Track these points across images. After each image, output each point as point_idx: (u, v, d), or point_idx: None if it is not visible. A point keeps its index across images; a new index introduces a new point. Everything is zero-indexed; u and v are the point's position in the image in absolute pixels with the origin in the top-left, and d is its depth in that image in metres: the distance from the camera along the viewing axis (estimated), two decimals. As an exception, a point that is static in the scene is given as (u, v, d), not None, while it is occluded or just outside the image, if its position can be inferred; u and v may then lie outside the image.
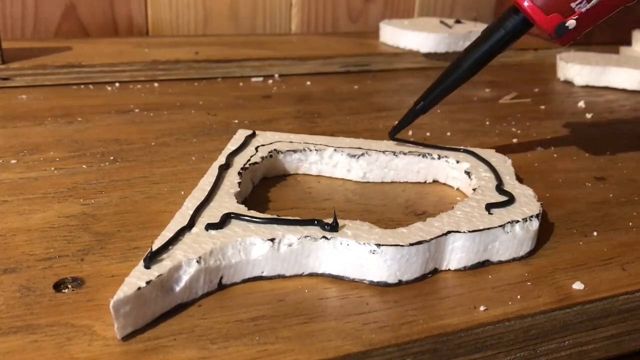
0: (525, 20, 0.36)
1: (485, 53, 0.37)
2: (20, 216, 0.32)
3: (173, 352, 0.23)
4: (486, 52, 0.37)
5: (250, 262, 0.27)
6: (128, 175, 0.37)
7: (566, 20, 0.34)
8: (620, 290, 0.29)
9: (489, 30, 0.37)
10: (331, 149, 0.38)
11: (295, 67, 0.61)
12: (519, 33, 0.37)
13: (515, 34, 0.36)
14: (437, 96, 0.39)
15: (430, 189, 0.38)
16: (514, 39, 0.37)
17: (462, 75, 0.38)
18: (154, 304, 0.24)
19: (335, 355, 0.23)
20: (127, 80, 0.56)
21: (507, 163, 0.37)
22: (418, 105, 0.39)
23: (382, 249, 0.27)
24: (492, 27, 0.37)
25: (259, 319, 0.25)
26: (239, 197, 0.32)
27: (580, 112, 0.54)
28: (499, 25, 0.37)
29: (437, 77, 0.39)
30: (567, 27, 0.34)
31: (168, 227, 0.28)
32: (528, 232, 0.30)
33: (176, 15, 0.71)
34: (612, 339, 0.29)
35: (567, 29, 0.34)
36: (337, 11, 0.77)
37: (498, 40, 0.37)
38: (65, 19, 0.68)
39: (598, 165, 0.43)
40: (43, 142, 0.41)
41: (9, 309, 0.25)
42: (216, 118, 0.48)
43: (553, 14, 0.34)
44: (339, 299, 0.27)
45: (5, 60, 0.53)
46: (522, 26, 0.36)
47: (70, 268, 0.28)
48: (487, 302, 0.27)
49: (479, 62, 0.37)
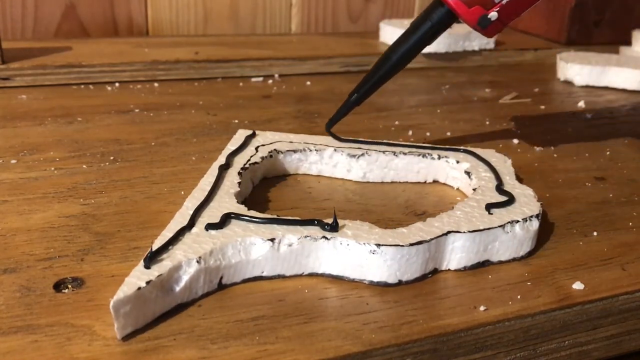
0: (449, 13, 0.36)
1: (414, 45, 0.38)
2: (20, 216, 0.32)
3: (173, 352, 0.23)
4: (414, 45, 0.38)
5: (250, 262, 0.27)
6: (128, 175, 0.37)
7: (488, 12, 0.35)
8: (620, 290, 0.29)
9: (417, 22, 0.38)
10: (331, 149, 0.38)
11: (295, 67, 0.61)
12: (444, 25, 0.37)
13: (441, 26, 0.37)
14: (369, 88, 0.39)
15: (430, 189, 0.38)
16: (440, 31, 0.37)
17: (393, 67, 0.39)
18: (154, 304, 0.24)
19: (335, 355, 0.23)
20: (127, 80, 0.56)
21: (507, 163, 0.37)
22: (352, 97, 0.39)
23: (382, 249, 0.27)
24: (420, 20, 0.38)
25: (259, 319, 0.25)
26: (239, 197, 0.32)
27: (580, 112, 0.54)
28: (425, 17, 0.37)
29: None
30: (489, 19, 0.35)
31: (168, 227, 0.28)
32: (528, 232, 0.30)
33: (176, 15, 0.71)
34: (612, 339, 0.29)
35: (489, 20, 0.35)
36: (337, 11, 0.77)
37: (425, 32, 0.37)
38: (65, 19, 0.68)
39: (598, 165, 0.43)
40: (43, 142, 0.41)
41: (9, 309, 0.25)
42: (216, 118, 0.48)
43: (475, 7, 0.34)
44: (339, 299, 0.27)
45: (5, 60, 0.53)
46: (447, 18, 0.37)
47: (70, 268, 0.28)
48: (487, 302, 0.27)
49: (408, 55, 0.38)
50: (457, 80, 0.62)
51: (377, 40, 0.71)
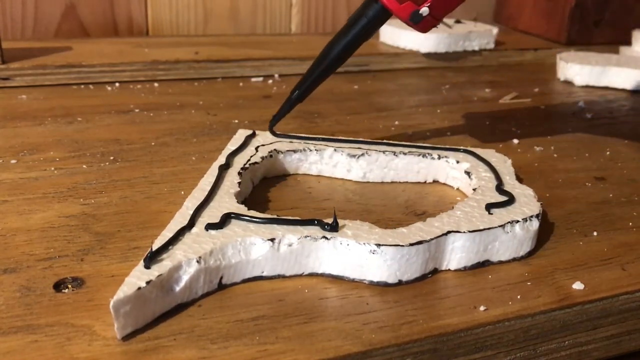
0: (383, 9, 0.37)
1: (351, 41, 0.38)
2: (20, 216, 0.32)
3: (173, 352, 0.23)
4: (351, 41, 0.38)
5: (250, 262, 0.27)
6: (128, 175, 0.37)
7: (419, 8, 0.35)
8: (620, 290, 0.29)
9: (353, 19, 0.38)
10: (331, 149, 0.38)
11: (295, 67, 0.61)
12: (380, 20, 0.37)
13: (377, 21, 0.37)
14: (310, 85, 0.40)
15: (430, 189, 0.38)
16: (376, 26, 0.38)
17: (331, 64, 0.39)
18: (154, 304, 0.24)
19: (335, 355, 0.23)
20: (127, 80, 0.56)
21: (507, 163, 0.37)
22: (294, 94, 0.40)
23: (382, 249, 0.27)
24: (355, 16, 0.38)
25: (259, 319, 0.25)
26: (239, 197, 0.32)
27: (580, 112, 0.54)
28: (361, 14, 0.38)
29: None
30: (421, 15, 0.35)
31: (168, 227, 0.28)
32: (528, 232, 0.30)
33: (176, 15, 0.72)
34: (612, 339, 0.29)
35: (421, 16, 0.35)
36: (337, 11, 0.77)
37: (361, 28, 0.38)
38: (65, 19, 0.68)
39: (598, 165, 0.43)
40: (43, 142, 0.41)
41: (9, 309, 0.25)
42: (216, 118, 0.48)
43: (406, 3, 0.35)
44: (339, 299, 0.27)
45: (5, 60, 0.53)
46: (382, 14, 0.37)
47: (70, 268, 0.28)
48: (487, 302, 0.27)
49: (345, 51, 0.39)
50: (457, 80, 0.62)
51: (377, 40, 0.71)
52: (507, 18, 0.85)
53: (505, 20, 0.85)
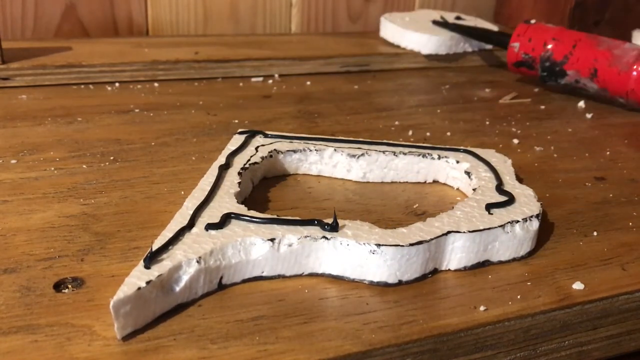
0: None
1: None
2: (20, 216, 0.32)
3: (173, 352, 0.23)
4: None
5: (250, 262, 0.27)
6: (128, 175, 0.37)
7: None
8: (620, 290, 0.29)
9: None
10: (331, 149, 0.38)
11: (295, 67, 0.61)
12: None
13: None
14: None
15: (430, 189, 0.38)
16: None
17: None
18: (154, 304, 0.24)
19: (335, 355, 0.23)
20: (127, 80, 0.56)
21: (507, 163, 0.37)
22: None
23: (382, 249, 0.27)
24: None
25: (259, 319, 0.25)
26: (239, 197, 0.32)
27: (580, 112, 0.54)
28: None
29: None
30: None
31: (168, 227, 0.28)
32: (528, 232, 0.30)
33: (176, 15, 0.71)
34: (612, 339, 0.29)
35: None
36: (337, 11, 0.77)
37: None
38: (65, 19, 0.68)
39: (598, 165, 0.43)
40: (43, 142, 0.41)
41: (9, 309, 0.25)
42: (216, 118, 0.48)
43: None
44: (339, 299, 0.27)
45: (5, 60, 0.53)
46: None
47: (70, 268, 0.28)
48: (487, 302, 0.27)
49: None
50: (457, 80, 0.62)
51: (377, 39, 0.71)
52: (508, 18, 0.85)
53: (506, 19, 0.85)
